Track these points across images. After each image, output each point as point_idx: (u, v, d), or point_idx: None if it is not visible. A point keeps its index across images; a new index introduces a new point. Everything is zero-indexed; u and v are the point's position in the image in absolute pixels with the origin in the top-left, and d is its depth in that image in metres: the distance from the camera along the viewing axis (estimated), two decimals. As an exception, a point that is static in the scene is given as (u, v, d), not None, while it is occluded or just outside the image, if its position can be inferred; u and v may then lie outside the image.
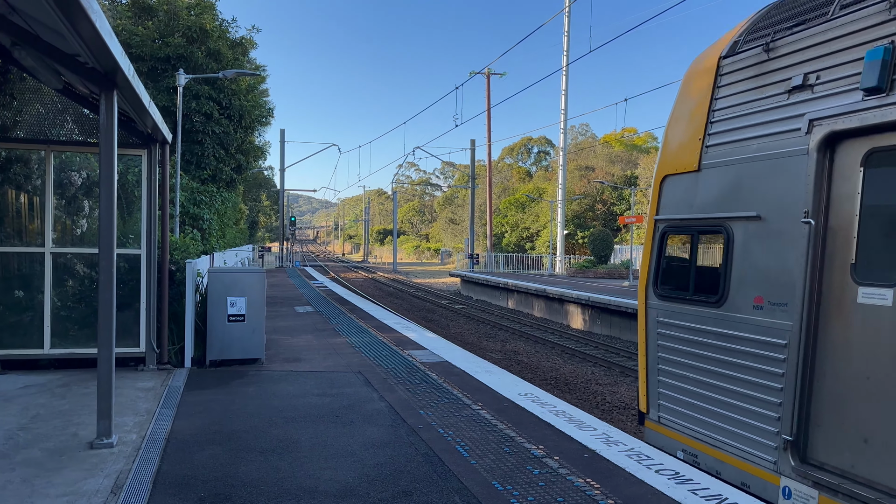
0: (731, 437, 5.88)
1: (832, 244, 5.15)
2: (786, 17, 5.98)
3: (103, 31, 4.79)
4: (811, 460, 5.16)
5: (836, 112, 5.09)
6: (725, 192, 6.18)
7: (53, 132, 9.42)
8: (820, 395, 5.12)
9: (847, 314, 4.98)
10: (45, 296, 8.80)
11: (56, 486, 4.94)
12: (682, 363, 6.51)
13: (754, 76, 6.05)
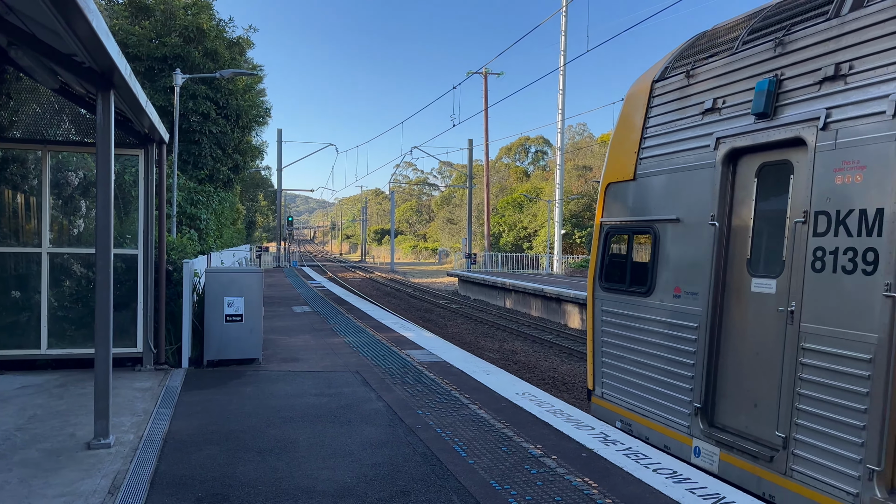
0: (656, 407, 6.91)
1: (733, 243, 6.16)
2: (705, 47, 6.94)
3: (100, 31, 4.78)
4: (716, 424, 6.20)
5: (736, 132, 6.05)
6: (653, 199, 7.21)
7: (50, 132, 9.40)
8: (723, 369, 6.17)
9: (743, 301, 5.99)
10: (42, 296, 8.78)
11: (53, 487, 4.93)
12: (619, 346, 7.58)
13: (678, 99, 7.01)
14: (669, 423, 6.69)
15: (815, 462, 5.09)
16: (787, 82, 5.67)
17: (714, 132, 6.33)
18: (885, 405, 4.57)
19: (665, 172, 7.03)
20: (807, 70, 5.51)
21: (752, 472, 5.66)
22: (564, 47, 44.73)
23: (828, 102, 5.26)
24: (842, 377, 4.92)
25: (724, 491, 5.10)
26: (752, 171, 6.01)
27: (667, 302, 6.85)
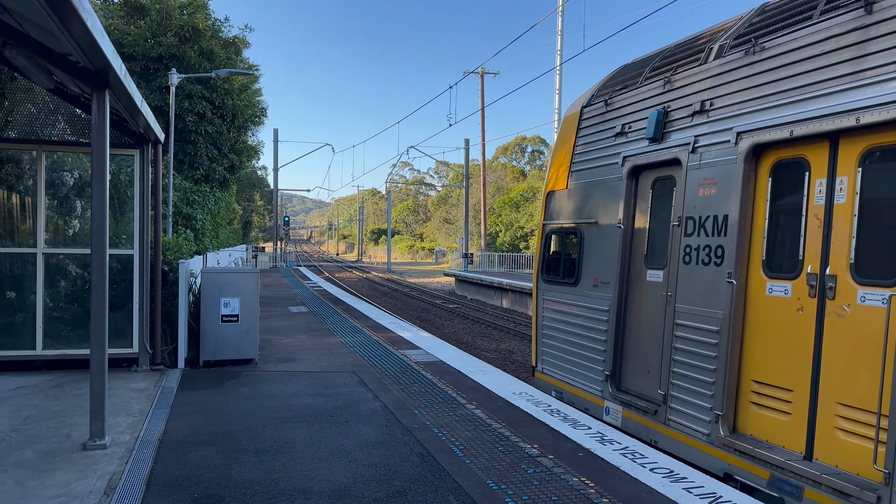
0: (579, 377, 8.38)
1: (635, 242, 7.60)
2: (620, 80, 8.31)
3: (94, 30, 4.76)
4: (622, 388, 7.65)
5: (637, 152, 7.44)
6: (580, 205, 8.62)
7: (45, 132, 9.37)
8: (627, 343, 7.62)
9: (641, 289, 7.46)
10: (38, 296, 8.75)
11: (49, 488, 4.92)
12: (553, 328, 9.07)
13: (598, 123, 8.40)
14: (588, 389, 8.17)
15: (683, 412, 6.50)
16: (671, 113, 7.04)
17: (622, 152, 7.76)
18: (727, 365, 5.97)
19: (588, 184, 8.48)
20: (684, 105, 6.86)
21: (643, 423, 7.08)
22: (561, 47, 44.71)
23: (696, 131, 6.60)
24: (699, 344, 6.31)
25: (721, 490, 5.10)
26: (648, 184, 7.44)
27: (587, 291, 8.32)
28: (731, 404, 5.99)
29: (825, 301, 5.28)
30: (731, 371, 5.95)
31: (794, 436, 5.46)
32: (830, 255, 5.25)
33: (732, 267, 5.98)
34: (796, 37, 5.69)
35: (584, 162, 8.60)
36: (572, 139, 8.92)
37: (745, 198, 5.99)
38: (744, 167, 5.99)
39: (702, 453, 6.20)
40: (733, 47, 6.40)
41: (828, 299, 5.25)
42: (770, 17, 6.24)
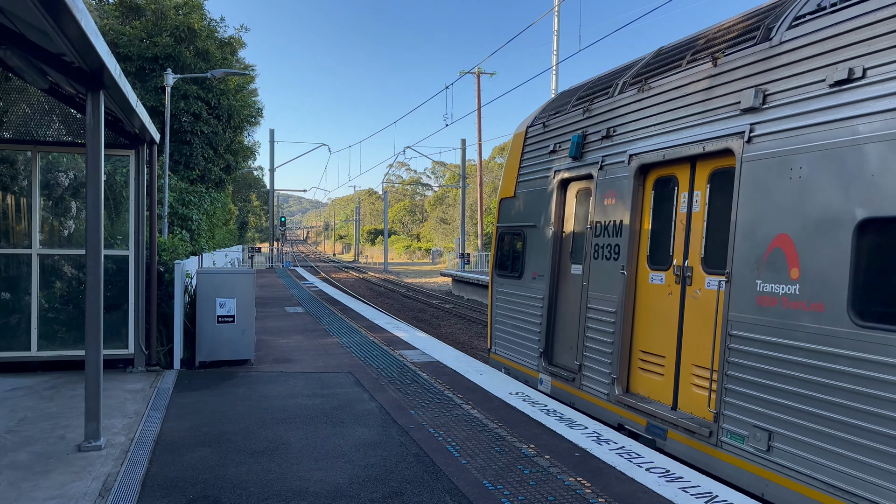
0: (521, 355, 9.77)
1: (563, 242, 9.05)
2: (556, 106, 9.70)
3: (88, 30, 4.74)
4: (552, 362, 9.00)
5: (564, 168, 8.88)
6: (524, 210, 10.03)
7: (40, 132, 9.33)
8: (556, 325, 9.01)
9: (568, 280, 8.86)
10: (33, 297, 8.72)
11: (43, 490, 4.90)
12: (503, 314, 10.50)
13: (538, 141, 9.77)
14: (527, 364, 9.57)
15: (591, 377, 7.95)
16: (588, 136, 8.44)
17: (554, 167, 9.18)
18: (620, 338, 7.47)
19: (530, 192, 9.85)
20: (596, 130, 8.27)
21: (565, 389, 8.51)
22: (557, 47, 44.74)
23: (604, 152, 8.05)
24: (602, 323, 7.81)
25: (717, 489, 5.11)
26: (573, 193, 8.89)
27: (528, 282, 9.68)
28: (625, 369, 7.52)
29: (686, 287, 6.76)
30: (624, 343, 7.51)
31: (665, 391, 6.96)
32: (689, 251, 6.72)
33: (625, 262, 7.50)
34: (670, 80, 7.08)
35: (527, 174, 10.03)
36: (519, 154, 10.40)
37: (634, 207, 7.48)
38: (633, 182, 7.46)
39: (603, 409, 7.69)
40: (631, 85, 7.80)
41: (687, 285, 6.73)
42: (658, 61, 7.62)
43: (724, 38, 6.60)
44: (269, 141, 48.03)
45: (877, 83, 4.84)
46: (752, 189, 5.81)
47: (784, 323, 5.35)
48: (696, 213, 6.65)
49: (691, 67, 6.80)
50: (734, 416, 5.75)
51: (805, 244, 5.25)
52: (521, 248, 10.01)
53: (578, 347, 8.19)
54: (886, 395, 4.48)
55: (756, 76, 5.94)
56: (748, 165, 5.86)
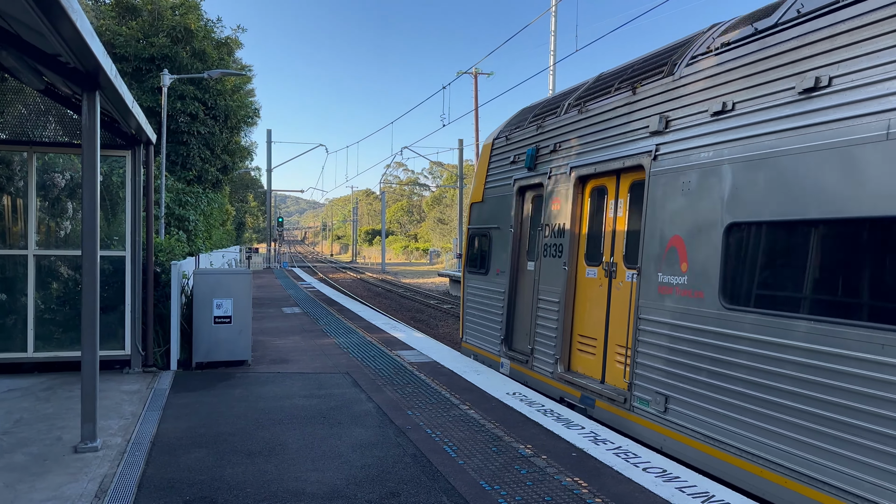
0: (486, 343, 10.96)
1: (521, 242, 10.17)
2: (517, 121, 10.85)
3: (84, 31, 4.73)
4: (511, 348, 10.13)
5: (522, 177, 10.01)
6: (490, 214, 11.22)
7: (36, 133, 9.31)
8: (515, 315, 10.15)
9: (524, 276, 9.98)
10: (29, 298, 8.70)
11: (39, 491, 4.89)
12: (473, 307, 11.67)
13: (502, 152, 10.94)
14: (491, 350, 10.74)
15: (540, 359, 9.09)
16: (540, 150, 9.55)
17: (513, 176, 10.33)
18: (562, 324, 8.61)
19: (495, 197, 11.02)
20: (546, 145, 9.39)
21: (521, 371, 9.62)
22: (554, 47, 44.74)
23: (552, 164, 9.17)
24: (548, 311, 8.90)
25: (714, 489, 5.12)
26: (529, 199, 10.07)
27: (493, 278, 10.89)
28: (566, 351, 8.66)
29: (612, 279, 7.94)
30: (565, 328, 8.64)
31: (596, 368, 8.13)
32: (615, 249, 7.91)
33: (567, 259, 8.66)
34: (602, 104, 8.19)
35: (493, 181, 11.21)
36: (486, 163, 11.57)
37: (574, 212, 8.62)
38: (573, 191, 8.60)
39: (549, 386, 8.83)
40: (573, 106, 8.93)
41: (613, 278, 7.91)
42: (595, 87, 8.72)
43: (645, 70, 7.67)
44: (266, 141, 47.98)
45: (741, 115, 5.95)
46: (656, 198, 6.95)
47: (677, 307, 6.50)
48: (619, 218, 7.87)
49: (618, 94, 7.95)
50: (641, 385, 6.91)
51: (691, 244, 6.40)
52: (488, 248, 11.22)
53: (531, 334, 9.40)
54: (744, 362, 5.60)
55: (661, 104, 7.07)
56: (654, 179, 6.99)
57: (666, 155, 6.86)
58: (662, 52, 7.72)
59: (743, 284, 5.73)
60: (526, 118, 10.42)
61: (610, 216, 8.03)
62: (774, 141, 5.59)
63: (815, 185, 5.17)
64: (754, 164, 5.75)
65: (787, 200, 5.39)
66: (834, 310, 4.94)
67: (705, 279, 6.12)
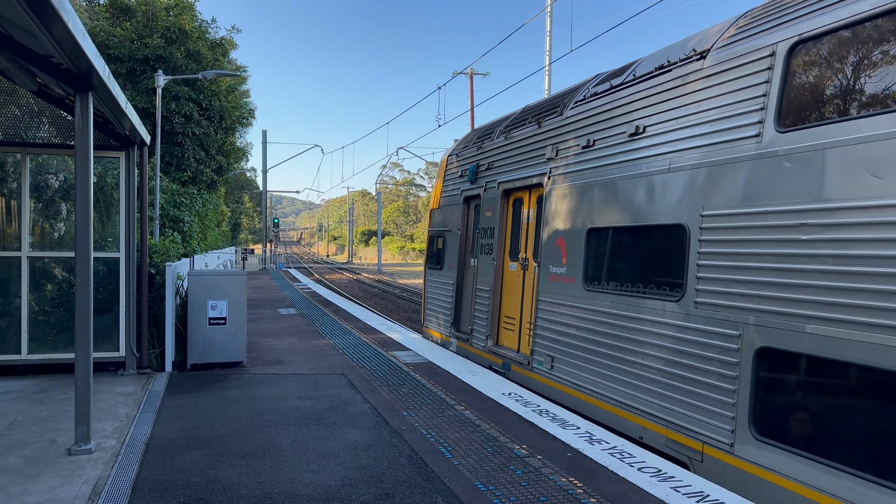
0: (441, 326, 12.94)
1: (466, 242, 12.01)
2: (466, 141, 12.88)
3: (76, 32, 4.72)
4: (459, 329, 11.97)
5: (466, 188, 11.91)
6: (444, 219, 13.21)
7: (30, 134, 9.27)
8: (461, 303, 12.03)
9: (468, 269, 11.81)
10: (22, 300, 8.67)
11: (32, 494, 4.87)
12: (431, 297, 13.67)
13: (454, 167, 12.94)
14: (444, 332, 12.74)
15: (477, 336, 11.03)
16: (479, 167, 11.47)
17: (461, 187, 12.24)
18: (492, 308, 10.52)
19: (448, 205, 13.02)
20: (483, 163, 11.36)
21: (464, 347, 11.62)
22: (549, 48, 44.76)
23: (486, 179, 11.10)
24: (483, 298, 10.83)
25: (709, 489, 5.12)
26: (472, 207, 11.93)
27: (446, 272, 12.81)
28: (494, 329, 10.57)
29: (525, 271, 9.78)
30: (494, 311, 10.58)
31: (514, 341, 9.94)
32: (528, 248, 9.74)
33: (496, 255, 10.57)
34: (520, 133, 10.10)
35: (447, 191, 13.21)
36: (442, 176, 13.58)
37: (501, 218, 10.53)
38: (500, 201, 10.56)
39: (482, 357, 10.77)
40: (502, 133, 10.85)
41: (526, 270, 9.76)
42: (520, 117, 10.50)
43: (548, 108, 9.54)
44: (261, 142, 47.84)
45: (598, 149, 7.92)
46: (549, 209, 8.89)
47: (559, 291, 8.50)
48: (531, 223, 9.72)
49: (530, 126, 9.79)
50: (538, 350, 8.89)
51: (569, 243, 8.38)
52: (442, 248, 13.18)
53: (471, 316, 11.43)
54: (596, 328, 7.60)
55: (554, 137, 8.99)
56: (547, 194, 8.97)
57: (555, 176, 8.85)
58: (561, 95, 9.52)
59: (596, 271, 7.84)
60: (472, 139, 12.48)
61: (525, 222, 9.96)
62: (614, 169, 7.55)
63: (634, 201, 7.14)
64: (603, 186, 7.73)
65: (621, 212, 7.37)
66: (643, 286, 6.92)
67: (576, 269, 8.16)
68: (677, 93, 6.73)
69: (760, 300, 5.41)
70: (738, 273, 5.68)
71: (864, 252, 4.59)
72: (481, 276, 11.00)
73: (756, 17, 6.23)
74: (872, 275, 4.52)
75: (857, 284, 4.62)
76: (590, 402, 7.65)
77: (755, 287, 5.48)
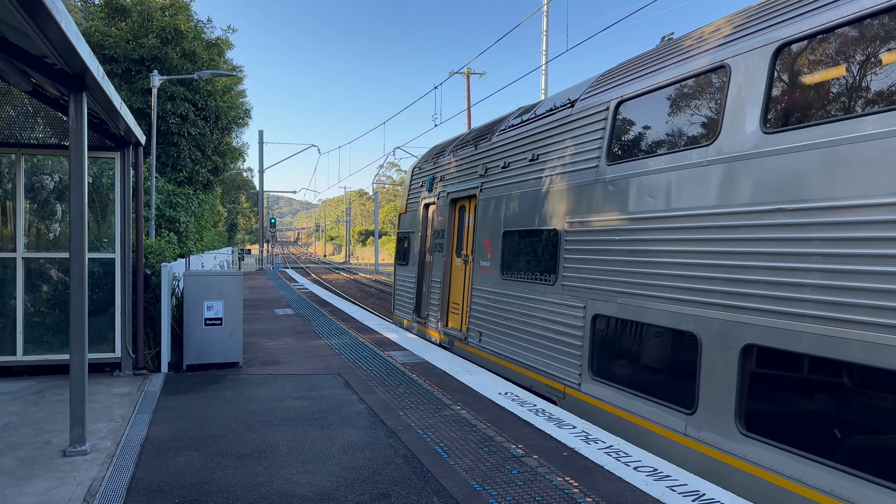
0: (405, 313, 14.97)
1: (425, 241, 14.03)
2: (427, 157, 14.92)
3: (69, 32, 4.70)
4: (419, 315, 13.91)
5: (425, 197, 14.12)
6: (409, 222, 15.28)
7: (24, 135, 9.24)
8: (421, 292, 13.90)
9: (427, 264, 13.80)
10: (18, 301, 8.64)
11: (27, 496, 4.85)
12: (399, 288, 15.79)
13: (416, 179, 15.15)
14: (408, 318, 14.79)
15: (431, 320, 13.12)
16: (434, 179, 13.61)
17: (421, 196, 14.47)
18: (442, 296, 12.60)
19: (412, 211, 15.23)
20: (438, 176, 13.43)
21: (421, 329, 13.71)
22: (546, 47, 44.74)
23: (439, 189, 13.17)
24: (436, 288, 12.90)
25: (705, 488, 5.12)
26: (430, 213, 13.89)
27: (410, 267, 14.97)
28: (444, 313, 12.70)
29: (467, 266, 11.73)
30: (444, 299, 12.68)
31: (458, 322, 12.01)
32: (470, 247, 11.61)
33: (445, 253, 12.68)
34: (464, 152, 12.27)
35: (411, 198, 15.48)
36: (408, 185, 15.84)
37: (449, 222, 12.61)
38: (449, 208, 12.64)
39: (434, 337, 12.99)
40: (451, 152, 13.08)
41: (467, 265, 11.70)
42: (465, 138, 12.77)
43: (483, 134, 11.77)
44: (258, 142, 47.78)
45: (512, 169, 10.09)
46: (480, 215, 11.12)
47: (485, 279, 10.74)
48: (470, 227, 11.73)
49: (470, 147, 12.09)
50: (471, 328, 11.18)
51: (492, 243, 10.56)
52: (408, 247, 15.42)
53: (428, 303, 13.64)
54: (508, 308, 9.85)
55: (484, 158, 11.24)
56: (479, 202, 11.19)
57: (485, 189, 11.06)
58: (494, 122, 11.81)
59: (508, 264, 10.04)
60: (431, 155, 14.74)
61: (466, 226, 11.94)
62: (520, 186, 9.78)
63: (530, 211, 9.39)
64: (513, 199, 10.00)
65: (523, 219, 9.62)
66: (535, 274, 9.18)
67: (496, 262, 10.40)
68: (556, 130, 8.95)
69: (594, 282, 7.77)
70: (583, 264, 8.03)
71: (648, 248, 6.87)
72: (435, 271, 13.26)
73: (604, 77, 8.40)
74: (644, 263, 6.89)
75: (644, 270, 6.87)
76: (506, 365, 9.84)
77: (591, 273, 7.84)
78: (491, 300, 10.38)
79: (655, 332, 6.69)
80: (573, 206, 8.29)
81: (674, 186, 6.58)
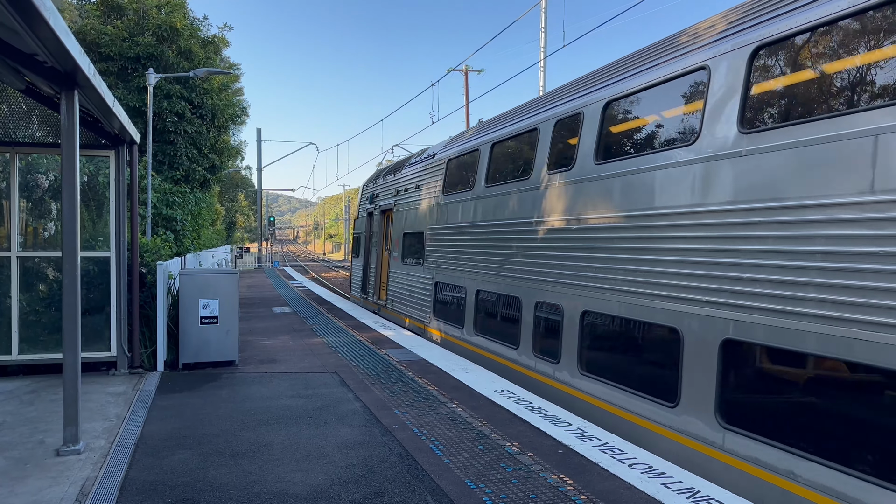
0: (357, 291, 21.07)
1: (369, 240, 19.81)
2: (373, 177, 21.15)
3: (59, 30, 4.67)
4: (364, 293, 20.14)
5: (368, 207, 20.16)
6: (359, 225, 21.50)
7: (19, 134, 9.20)
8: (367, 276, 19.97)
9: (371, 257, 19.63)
10: (13, 300, 8.61)
11: (19, 496, 4.83)
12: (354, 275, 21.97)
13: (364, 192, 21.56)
14: (359, 295, 20.25)
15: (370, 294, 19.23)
16: (374, 194, 19.18)
17: (366, 206, 20.18)
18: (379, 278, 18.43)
19: (360, 217, 20.87)
20: (376, 193, 19.09)
21: (365, 303, 19.38)
22: (545, 44, 44.64)
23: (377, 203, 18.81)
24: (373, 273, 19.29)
25: (699, 485, 5.12)
26: (372, 218, 19.28)
27: (360, 258, 20.81)
28: (378, 289, 17.81)
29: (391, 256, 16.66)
30: (378, 279, 17.91)
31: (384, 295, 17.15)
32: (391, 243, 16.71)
33: (378, 248, 18.17)
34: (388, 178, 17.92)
35: (361, 207, 20.74)
36: (359, 196, 20.96)
37: (380, 227, 17.95)
38: (380, 216, 18.08)
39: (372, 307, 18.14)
40: (383, 176, 18.69)
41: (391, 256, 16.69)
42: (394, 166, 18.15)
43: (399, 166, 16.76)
44: (256, 140, 47.67)
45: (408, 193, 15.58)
46: (395, 222, 16.12)
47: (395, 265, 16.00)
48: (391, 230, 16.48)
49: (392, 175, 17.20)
50: (389, 297, 16.31)
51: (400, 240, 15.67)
52: (358, 244, 21.05)
53: (371, 284, 18.66)
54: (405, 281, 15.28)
55: (396, 184, 16.60)
56: (394, 213, 16.35)
57: (397, 204, 16.27)
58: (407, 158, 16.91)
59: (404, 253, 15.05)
60: (375, 176, 19.93)
61: (389, 229, 16.86)
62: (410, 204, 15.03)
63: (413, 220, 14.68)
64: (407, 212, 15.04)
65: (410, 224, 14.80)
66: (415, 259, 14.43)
67: (399, 253, 15.41)
68: (428, 172, 14.27)
69: (439, 263, 12.89)
70: (434, 253, 13.21)
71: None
72: (373, 260, 18.65)
73: (451, 140, 13.75)
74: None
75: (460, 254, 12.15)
76: (403, 318, 15.09)
77: (438, 258, 12.97)
78: (396, 277, 16.05)
79: (454, 288, 12.38)
80: (430, 218, 13.76)
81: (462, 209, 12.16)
